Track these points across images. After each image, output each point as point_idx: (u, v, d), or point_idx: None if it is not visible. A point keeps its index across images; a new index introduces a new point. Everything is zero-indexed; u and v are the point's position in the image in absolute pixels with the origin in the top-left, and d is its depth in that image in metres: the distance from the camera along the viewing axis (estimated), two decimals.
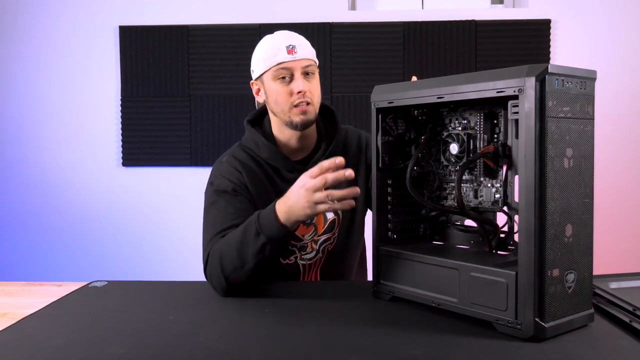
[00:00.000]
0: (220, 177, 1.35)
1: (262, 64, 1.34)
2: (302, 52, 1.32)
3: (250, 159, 1.38)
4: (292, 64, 1.31)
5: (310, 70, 1.34)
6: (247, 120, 1.44)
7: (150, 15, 3.19)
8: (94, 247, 3.25)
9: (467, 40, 3.09)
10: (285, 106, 1.32)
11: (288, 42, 1.32)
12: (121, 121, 3.22)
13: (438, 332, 0.95)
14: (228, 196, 1.31)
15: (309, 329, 0.98)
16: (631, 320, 0.96)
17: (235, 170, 1.35)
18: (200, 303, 1.18)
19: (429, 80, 1.07)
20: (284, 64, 1.31)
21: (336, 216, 1.41)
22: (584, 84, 0.92)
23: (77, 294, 1.25)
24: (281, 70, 1.31)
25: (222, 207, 1.30)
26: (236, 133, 3.14)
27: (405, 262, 1.10)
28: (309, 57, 1.34)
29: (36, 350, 0.91)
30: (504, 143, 1.05)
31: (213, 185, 1.35)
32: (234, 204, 1.30)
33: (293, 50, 1.31)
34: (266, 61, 1.33)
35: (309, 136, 1.40)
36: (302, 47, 1.33)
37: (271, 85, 1.33)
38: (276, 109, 1.35)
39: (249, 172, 1.35)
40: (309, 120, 1.33)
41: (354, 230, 1.44)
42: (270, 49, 1.33)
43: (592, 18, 3.08)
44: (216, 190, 1.33)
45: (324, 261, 1.42)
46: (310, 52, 1.35)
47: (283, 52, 1.31)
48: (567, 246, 0.91)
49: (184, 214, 3.11)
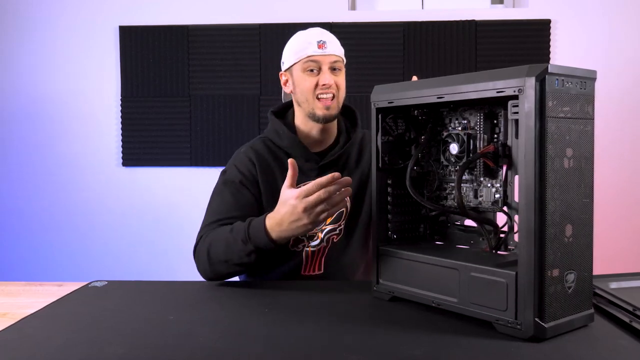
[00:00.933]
0: (233, 167, 1.43)
1: (292, 56, 1.42)
2: (332, 48, 1.40)
3: (267, 149, 1.45)
4: (321, 58, 1.39)
5: (337, 66, 1.42)
6: (272, 111, 1.51)
7: (150, 15, 3.19)
8: (94, 247, 3.25)
9: (467, 40, 3.09)
10: (310, 96, 1.40)
11: (319, 38, 1.40)
12: (121, 121, 3.22)
13: (438, 332, 0.95)
14: (234, 188, 1.39)
15: (309, 329, 0.98)
16: (631, 320, 0.96)
17: (249, 160, 1.42)
18: (200, 303, 1.18)
19: (429, 80, 1.07)
20: (314, 57, 1.39)
21: (344, 208, 1.45)
22: (584, 84, 0.92)
23: (77, 294, 1.25)
24: (310, 62, 1.39)
25: (226, 197, 1.38)
26: (236, 133, 3.15)
27: (405, 262, 1.10)
28: (337, 54, 1.42)
29: (36, 350, 0.91)
30: (503, 143, 1.05)
31: (225, 174, 1.44)
32: (237, 197, 1.37)
33: (323, 46, 1.38)
34: (297, 53, 1.41)
35: (330, 130, 1.48)
36: (331, 44, 1.41)
37: (299, 76, 1.41)
38: (301, 98, 1.42)
39: (261, 163, 1.42)
40: (330, 115, 1.41)
41: (359, 224, 1.47)
42: (302, 43, 1.41)
43: (592, 18, 3.08)
44: (226, 179, 1.42)
45: (327, 251, 1.44)
46: (339, 50, 1.43)
47: (314, 46, 1.39)
48: (567, 246, 0.91)
49: (184, 213, 3.12)
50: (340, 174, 1.40)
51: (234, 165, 1.43)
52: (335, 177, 1.10)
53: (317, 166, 1.44)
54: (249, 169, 1.41)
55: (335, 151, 1.45)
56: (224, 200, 1.38)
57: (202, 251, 1.28)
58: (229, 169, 1.44)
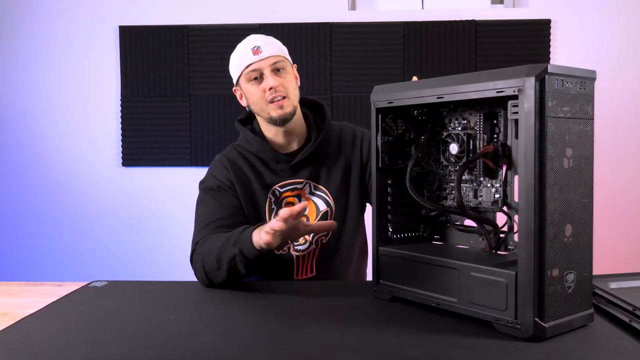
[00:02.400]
0: (209, 175, 1.45)
1: (235, 70, 1.44)
2: (268, 51, 1.39)
3: (239, 155, 1.47)
4: (259, 64, 1.38)
5: (279, 66, 1.40)
6: (238, 120, 1.52)
7: (150, 15, 3.19)
8: (94, 247, 3.25)
9: (467, 40, 3.08)
10: (262, 104, 1.39)
11: (253, 44, 1.39)
12: (121, 121, 3.22)
13: (438, 332, 0.95)
14: (214, 193, 1.41)
15: (309, 329, 0.98)
16: (631, 320, 0.96)
17: (223, 167, 1.44)
18: (200, 303, 1.18)
19: (429, 80, 1.07)
20: (252, 65, 1.38)
21: (328, 208, 1.44)
22: (583, 84, 0.92)
23: (77, 294, 1.25)
24: (251, 72, 1.39)
25: (209, 203, 1.40)
26: (236, 133, 3.14)
27: (405, 262, 1.10)
28: (275, 54, 1.40)
29: (36, 350, 0.91)
30: (503, 143, 1.05)
31: (203, 183, 1.46)
32: (218, 200, 1.40)
33: (258, 51, 1.38)
34: (237, 66, 1.42)
35: (294, 130, 1.46)
36: (267, 46, 1.39)
37: (247, 87, 1.42)
38: (255, 109, 1.43)
39: (235, 169, 1.44)
40: (285, 114, 1.39)
41: (347, 223, 1.46)
42: (239, 54, 1.41)
43: (592, 18, 3.08)
44: (204, 188, 1.44)
45: (318, 253, 1.44)
46: (277, 49, 1.41)
47: (249, 54, 1.38)
48: (566, 246, 0.91)
49: (184, 213, 3.10)
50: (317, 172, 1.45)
51: (210, 174, 1.45)
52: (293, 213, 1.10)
53: (289, 166, 1.43)
54: (224, 175, 1.42)
55: (307, 150, 1.43)
56: (209, 206, 1.39)
57: (198, 260, 1.28)
58: (206, 178, 1.45)
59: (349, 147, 1.49)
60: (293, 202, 1.43)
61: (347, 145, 1.49)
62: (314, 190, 1.45)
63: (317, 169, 1.45)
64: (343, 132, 1.51)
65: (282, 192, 1.43)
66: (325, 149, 1.47)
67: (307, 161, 1.44)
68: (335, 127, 1.52)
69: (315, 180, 1.45)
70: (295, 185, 1.43)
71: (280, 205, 1.43)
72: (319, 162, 1.46)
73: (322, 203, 1.44)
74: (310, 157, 1.44)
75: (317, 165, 1.45)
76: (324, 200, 1.44)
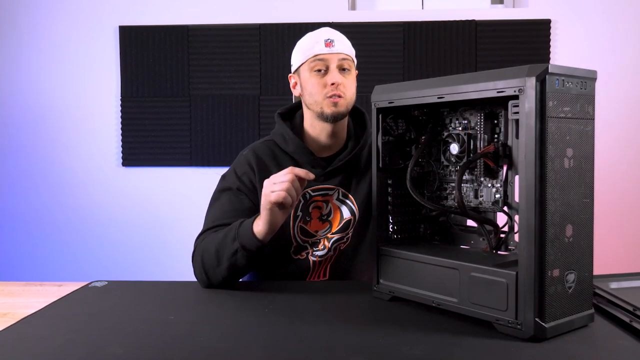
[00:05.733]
0: (232, 173, 1.41)
1: (300, 56, 1.39)
2: (340, 47, 1.36)
3: (270, 154, 1.42)
4: (329, 57, 1.35)
5: (346, 65, 1.37)
6: (279, 113, 1.47)
7: (150, 15, 3.18)
8: (94, 247, 3.25)
9: (467, 40, 3.08)
10: (319, 97, 1.35)
11: (327, 36, 1.36)
12: (121, 121, 3.22)
13: (438, 332, 0.95)
14: (232, 194, 1.37)
15: (309, 329, 0.98)
16: (631, 320, 0.96)
17: (249, 166, 1.39)
18: (200, 303, 1.18)
19: (429, 80, 1.07)
20: (320, 55, 1.35)
21: (352, 216, 1.41)
22: (584, 84, 0.92)
23: (77, 294, 1.25)
24: (317, 62, 1.35)
25: (223, 203, 1.36)
26: (236, 133, 3.14)
27: (405, 262, 1.10)
28: (346, 52, 1.37)
29: (36, 350, 0.91)
30: (504, 143, 1.05)
31: (224, 180, 1.42)
32: (234, 203, 1.36)
33: (331, 44, 1.34)
34: (304, 53, 1.37)
35: (338, 133, 1.43)
36: (340, 42, 1.37)
37: (307, 76, 1.37)
38: (309, 100, 1.38)
39: (261, 169, 1.38)
40: (339, 113, 1.36)
41: (368, 232, 1.43)
42: (309, 42, 1.37)
43: (592, 18, 3.08)
44: (224, 186, 1.40)
45: (334, 259, 1.42)
46: (348, 49, 1.39)
47: (321, 44, 1.35)
48: (567, 246, 0.91)
49: (184, 213, 3.11)
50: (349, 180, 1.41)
51: (233, 171, 1.41)
52: (308, 176, 1.13)
53: (324, 172, 1.40)
54: (248, 176, 1.38)
55: (343, 156, 1.40)
56: (222, 207, 1.36)
57: (198, 259, 1.27)
58: (229, 174, 1.42)
59: None
60: (321, 206, 1.40)
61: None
62: (342, 198, 1.41)
63: (349, 177, 1.42)
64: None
65: (312, 196, 1.39)
66: (359, 158, 1.44)
67: (341, 168, 1.41)
68: (369, 136, 1.46)
69: (346, 188, 1.41)
70: (326, 191, 1.40)
71: (307, 210, 1.39)
72: (352, 170, 1.43)
73: (347, 211, 1.41)
74: (344, 165, 1.41)
75: (350, 173, 1.42)
76: (349, 208, 1.41)
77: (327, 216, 1.40)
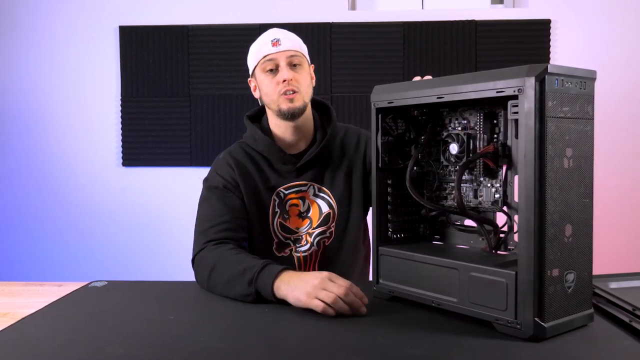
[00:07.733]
0: (214, 174, 1.44)
1: (252, 60, 1.44)
2: (287, 44, 1.39)
3: (244, 154, 1.45)
4: (276, 55, 1.38)
5: (296, 61, 1.40)
6: (247, 116, 1.51)
7: (150, 15, 3.18)
8: (94, 247, 3.25)
9: (467, 40, 3.08)
10: (274, 96, 1.39)
11: (273, 36, 1.40)
12: (121, 121, 3.22)
13: (438, 332, 0.95)
14: (219, 193, 1.39)
15: (309, 329, 0.98)
16: (631, 320, 0.96)
17: (229, 166, 1.42)
18: (200, 303, 1.18)
19: (429, 80, 1.07)
20: (269, 55, 1.38)
21: (330, 210, 1.44)
22: (583, 84, 0.92)
23: (77, 294, 1.25)
24: (267, 62, 1.39)
25: (213, 202, 1.38)
26: (236, 133, 3.14)
27: (405, 262, 1.10)
28: (293, 49, 1.40)
29: (36, 350, 0.91)
30: (503, 143, 1.05)
31: (207, 181, 1.44)
32: (224, 201, 1.38)
33: (277, 43, 1.38)
34: (255, 56, 1.42)
35: (304, 128, 1.45)
36: (286, 40, 1.40)
37: (261, 78, 1.41)
38: (267, 100, 1.42)
39: (240, 168, 1.42)
40: (296, 107, 1.38)
41: (350, 226, 1.46)
42: (258, 45, 1.42)
43: (592, 18, 3.08)
44: (209, 186, 1.42)
45: (320, 255, 1.44)
46: (296, 44, 1.42)
47: (268, 45, 1.39)
48: (566, 246, 0.91)
49: (184, 213, 3.10)
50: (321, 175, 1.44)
51: (215, 172, 1.43)
52: (363, 301, 1.07)
53: (295, 167, 1.42)
54: (230, 175, 1.41)
55: (312, 151, 1.43)
56: (213, 206, 1.37)
57: (204, 268, 1.25)
58: (211, 176, 1.44)
59: (353, 150, 1.48)
60: (297, 203, 1.43)
61: (351, 148, 1.48)
62: (317, 192, 1.44)
63: (322, 171, 1.45)
64: (348, 134, 1.51)
65: (286, 194, 1.42)
66: (330, 151, 1.46)
67: (312, 163, 1.44)
68: (340, 129, 1.51)
69: (319, 182, 1.44)
70: (300, 188, 1.43)
71: (284, 207, 1.42)
72: (324, 164, 1.45)
73: (325, 205, 1.44)
74: (315, 159, 1.44)
75: (322, 167, 1.45)
76: (327, 202, 1.44)
77: (306, 213, 1.44)
